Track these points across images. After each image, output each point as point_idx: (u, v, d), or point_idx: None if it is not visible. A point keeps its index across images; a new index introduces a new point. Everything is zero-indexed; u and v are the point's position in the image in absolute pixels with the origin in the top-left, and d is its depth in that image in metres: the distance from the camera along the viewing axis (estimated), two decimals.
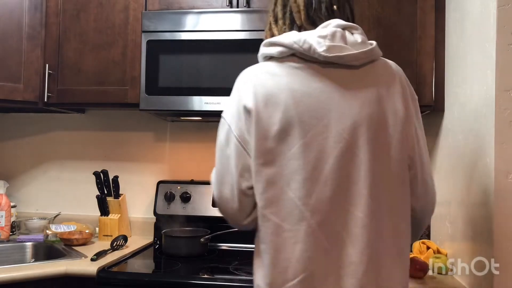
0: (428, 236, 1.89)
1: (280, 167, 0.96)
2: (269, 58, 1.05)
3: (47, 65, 1.98)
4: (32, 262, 1.93)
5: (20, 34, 1.97)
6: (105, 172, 2.08)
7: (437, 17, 1.78)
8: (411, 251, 1.76)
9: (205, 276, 1.62)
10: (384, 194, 0.97)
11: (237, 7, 1.87)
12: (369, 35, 1.78)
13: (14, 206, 2.16)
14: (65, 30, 2.01)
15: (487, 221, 1.28)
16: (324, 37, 0.98)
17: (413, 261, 1.54)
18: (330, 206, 0.95)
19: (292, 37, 1.00)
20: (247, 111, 0.99)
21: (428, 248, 1.68)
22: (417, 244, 1.73)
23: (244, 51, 1.81)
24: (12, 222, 2.12)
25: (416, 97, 1.08)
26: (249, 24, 1.81)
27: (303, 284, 0.94)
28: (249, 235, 2.01)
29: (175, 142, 2.25)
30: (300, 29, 1.06)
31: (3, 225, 2.02)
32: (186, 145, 2.24)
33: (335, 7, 1.06)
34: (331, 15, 1.05)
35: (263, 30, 1.76)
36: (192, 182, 2.12)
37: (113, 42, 1.97)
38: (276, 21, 1.09)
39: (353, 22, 1.08)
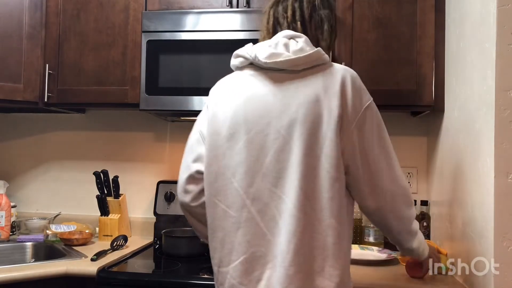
0: (428, 236, 1.90)
1: (228, 160, 1.10)
2: (236, 67, 1.22)
3: (47, 65, 1.98)
4: (32, 262, 1.93)
5: (20, 34, 1.97)
6: (105, 172, 2.08)
7: (437, 17, 1.78)
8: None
9: (205, 276, 1.62)
10: (314, 188, 1.04)
11: (237, 7, 1.87)
12: (369, 35, 1.81)
13: (14, 206, 2.16)
14: (65, 30, 2.01)
15: (487, 221, 1.28)
16: (269, 46, 1.13)
17: (414, 261, 1.55)
18: (269, 195, 1.06)
19: (246, 49, 1.17)
20: (207, 110, 1.20)
21: None
22: None
23: None
24: (12, 222, 2.12)
25: (369, 104, 1.13)
26: (249, 24, 1.81)
27: (244, 265, 1.05)
28: None
29: (175, 142, 2.25)
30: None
31: (3, 225, 2.02)
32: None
33: (299, 23, 1.19)
34: (291, 29, 1.19)
35: None
36: None
37: (113, 42, 1.97)
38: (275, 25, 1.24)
39: (322, 31, 1.22)
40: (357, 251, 1.84)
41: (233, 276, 1.07)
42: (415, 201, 1.96)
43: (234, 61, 1.21)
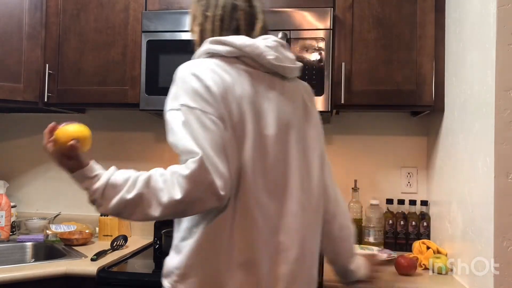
0: (428, 236, 1.90)
1: (237, 158, 1.01)
2: (212, 55, 1.06)
3: (47, 65, 1.98)
4: (32, 262, 1.93)
5: (20, 34, 1.97)
6: None
7: (437, 17, 1.78)
8: (411, 251, 1.77)
9: None
10: (309, 189, 1.11)
11: None
12: (369, 35, 1.81)
13: (14, 206, 2.16)
14: (65, 30, 2.01)
15: (487, 221, 1.28)
16: (270, 47, 1.07)
17: (402, 258, 1.56)
18: (269, 196, 1.03)
19: (243, 40, 1.05)
20: (214, 95, 0.98)
21: (428, 248, 1.68)
22: (417, 244, 1.74)
23: None
24: (12, 222, 2.12)
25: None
26: None
27: (244, 269, 0.99)
28: None
29: None
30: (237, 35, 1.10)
31: (3, 225, 2.02)
32: None
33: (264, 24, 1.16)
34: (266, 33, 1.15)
35: None
36: None
37: (113, 42, 1.97)
38: (221, 22, 1.11)
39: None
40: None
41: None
42: (415, 201, 1.97)
43: (217, 47, 1.05)
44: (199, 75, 1.00)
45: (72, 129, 1.04)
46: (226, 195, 0.94)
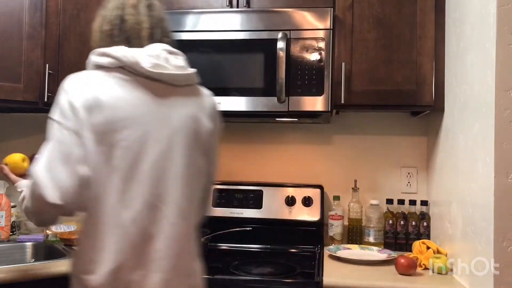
0: (428, 236, 1.90)
1: (104, 165, 1.05)
2: (98, 67, 1.14)
3: (47, 65, 1.98)
4: (32, 262, 1.92)
5: (20, 34, 1.97)
6: None
7: (437, 17, 1.78)
8: (411, 251, 1.77)
9: (205, 276, 1.62)
10: (192, 196, 1.14)
11: (237, 7, 1.87)
12: (369, 35, 1.81)
13: (14, 206, 2.16)
14: (65, 30, 2.01)
15: (487, 221, 1.28)
16: (151, 56, 1.11)
17: (402, 258, 1.56)
18: (143, 203, 1.06)
19: (122, 51, 1.11)
20: (74, 109, 1.05)
21: (428, 248, 1.68)
22: (417, 244, 1.74)
23: (244, 51, 1.81)
24: (12, 222, 2.12)
25: (220, 120, 1.27)
26: (249, 24, 1.81)
27: (112, 275, 1.03)
28: (249, 235, 2.01)
29: None
30: (129, 46, 1.15)
31: (3, 225, 2.02)
32: None
33: (166, 40, 1.21)
34: (157, 41, 1.18)
35: (263, 30, 1.80)
36: None
37: None
38: (111, 37, 1.19)
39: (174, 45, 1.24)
40: (357, 251, 1.84)
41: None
42: (415, 201, 1.97)
43: (100, 59, 1.12)
44: (67, 90, 1.09)
45: (7, 156, 1.44)
46: (67, 204, 1.02)
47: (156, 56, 1.11)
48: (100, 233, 1.05)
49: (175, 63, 1.15)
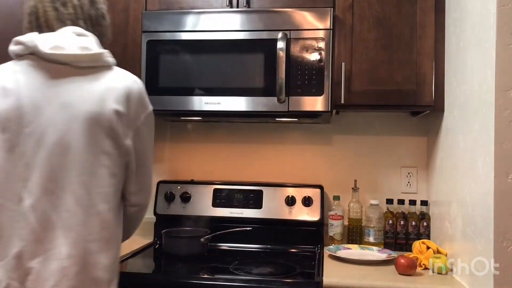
0: (428, 236, 1.90)
1: (8, 153, 1.08)
2: (15, 55, 1.18)
3: None
4: None
5: (21, 33, 1.96)
6: None
7: (437, 17, 1.78)
8: (411, 251, 1.77)
9: (205, 276, 1.62)
10: (94, 183, 1.10)
11: (237, 7, 1.87)
12: (369, 35, 1.81)
13: None
14: None
15: (487, 221, 1.28)
16: (54, 39, 1.13)
17: (402, 258, 1.56)
18: (44, 190, 1.07)
19: (28, 37, 1.15)
20: None
21: (428, 248, 1.68)
22: (417, 244, 1.73)
23: (244, 51, 1.82)
24: None
25: (150, 112, 1.26)
26: (249, 24, 1.81)
27: (15, 261, 1.05)
28: (249, 235, 2.01)
29: (175, 142, 2.25)
30: (40, 32, 1.19)
31: None
32: (186, 145, 2.24)
33: (81, 22, 1.22)
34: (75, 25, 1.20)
35: (263, 30, 1.81)
36: (192, 182, 2.12)
37: (113, 42, 1.95)
38: (29, 29, 1.23)
39: (103, 27, 1.30)
40: (357, 251, 1.84)
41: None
42: (415, 201, 1.97)
43: (14, 48, 1.17)
44: None
45: None
46: None
47: (59, 39, 1.13)
48: (3, 221, 1.07)
49: (80, 44, 1.14)
